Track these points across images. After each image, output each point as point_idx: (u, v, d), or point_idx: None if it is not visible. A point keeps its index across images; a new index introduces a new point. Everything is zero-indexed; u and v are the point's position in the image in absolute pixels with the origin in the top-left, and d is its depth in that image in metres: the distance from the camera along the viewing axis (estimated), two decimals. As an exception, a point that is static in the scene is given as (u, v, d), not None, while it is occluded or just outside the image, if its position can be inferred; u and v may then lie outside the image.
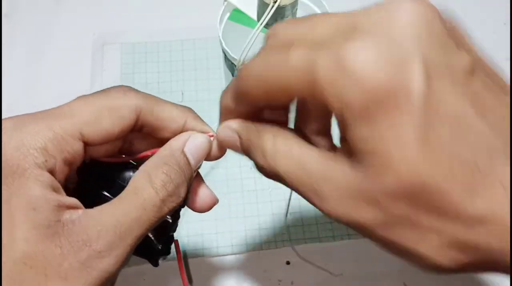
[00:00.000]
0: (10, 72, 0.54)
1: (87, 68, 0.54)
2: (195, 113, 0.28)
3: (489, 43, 0.58)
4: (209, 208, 0.29)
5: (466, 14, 0.58)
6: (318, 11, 0.40)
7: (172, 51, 0.55)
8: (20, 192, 0.21)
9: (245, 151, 0.25)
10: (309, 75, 0.19)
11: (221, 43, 0.38)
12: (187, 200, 0.28)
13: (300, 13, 0.37)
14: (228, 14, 0.40)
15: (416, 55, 0.18)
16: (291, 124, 0.26)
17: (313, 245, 0.44)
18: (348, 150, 0.20)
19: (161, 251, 0.27)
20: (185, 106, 0.28)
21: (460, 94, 0.19)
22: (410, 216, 0.19)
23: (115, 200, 0.23)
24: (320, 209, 0.22)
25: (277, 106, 0.25)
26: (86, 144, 0.24)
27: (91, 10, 0.59)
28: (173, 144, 0.26)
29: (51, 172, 0.22)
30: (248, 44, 0.35)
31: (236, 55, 0.36)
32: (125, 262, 0.23)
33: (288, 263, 0.44)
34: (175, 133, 0.27)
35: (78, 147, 0.24)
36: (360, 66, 0.18)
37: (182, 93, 0.53)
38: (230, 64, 0.38)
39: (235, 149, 0.26)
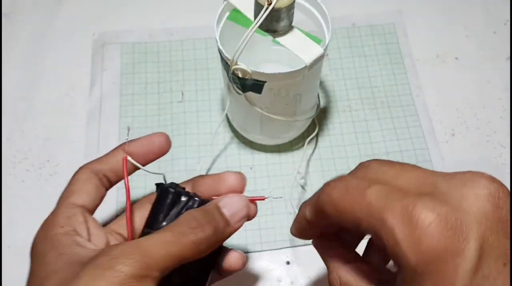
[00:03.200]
0: (10, 72, 0.54)
1: (87, 68, 0.54)
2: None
3: (489, 43, 0.59)
4: (238, 267, 0.33)
5: (467, 14, 0.58)
6: (316, 12, 0.40)
7: (172, 51, 0.55)
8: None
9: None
10: (377, 214, 0.22)
11: (216, 42, 0.38)
12: (215, 263, 0.32)
13: (298, 13, 0.37)
14: (227, 14, 0.39)
15: (476, 234, 0.20)
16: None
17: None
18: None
19: None
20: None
21: (505, 280, 0.20)
22: None
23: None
24: None
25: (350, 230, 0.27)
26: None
27: (91, 10, 0.59)
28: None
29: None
30: (241, 45, 0.35)
31: (230, 55, 0.36)
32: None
33: (288, 263, 0.44)
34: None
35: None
36: (424, 225, 0.20)
37: (182, 93, 0.53)
38: (225, 64, 0.38)
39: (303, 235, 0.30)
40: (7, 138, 0.50)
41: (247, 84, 0.38)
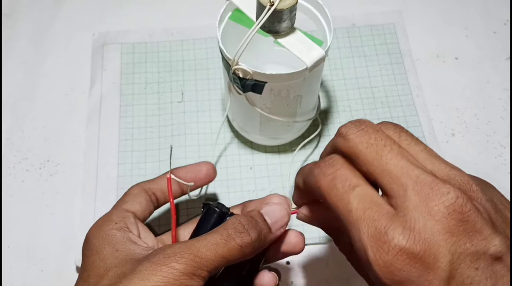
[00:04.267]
0: (10, 72, 0.54)
1: (87, 68, 0.54)
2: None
3: (489, 43, 0.59)
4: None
5: (467, 14, 0.58)
6: (317, 14, 0.40)
7: (172, 51, 0.55)
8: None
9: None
10: (354, 225, 0.23)
11: (218, 42, 0.38)
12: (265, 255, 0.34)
13: (298, 14, 0.37)
14: (229, 14, 0.39)
15: (444, 257, 0.21)
16: None
17: (313, 246, 0.44)
18: None
19: None
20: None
21: (483, 278, 0.21)
22: None
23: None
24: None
25: None
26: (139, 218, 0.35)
27: (91, 10, 0.59)
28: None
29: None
30: (242, 45, 0.35)
31: (231, 55, 0.36)
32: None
33: (288, 263, 0.44)
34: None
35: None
36: (394, 253, 0.21)
37: (182, 93, 0.53)
38: (226, 64, 0.38)
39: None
40: (7, 138, 0.50)
41: (248, 85, 0.38)
